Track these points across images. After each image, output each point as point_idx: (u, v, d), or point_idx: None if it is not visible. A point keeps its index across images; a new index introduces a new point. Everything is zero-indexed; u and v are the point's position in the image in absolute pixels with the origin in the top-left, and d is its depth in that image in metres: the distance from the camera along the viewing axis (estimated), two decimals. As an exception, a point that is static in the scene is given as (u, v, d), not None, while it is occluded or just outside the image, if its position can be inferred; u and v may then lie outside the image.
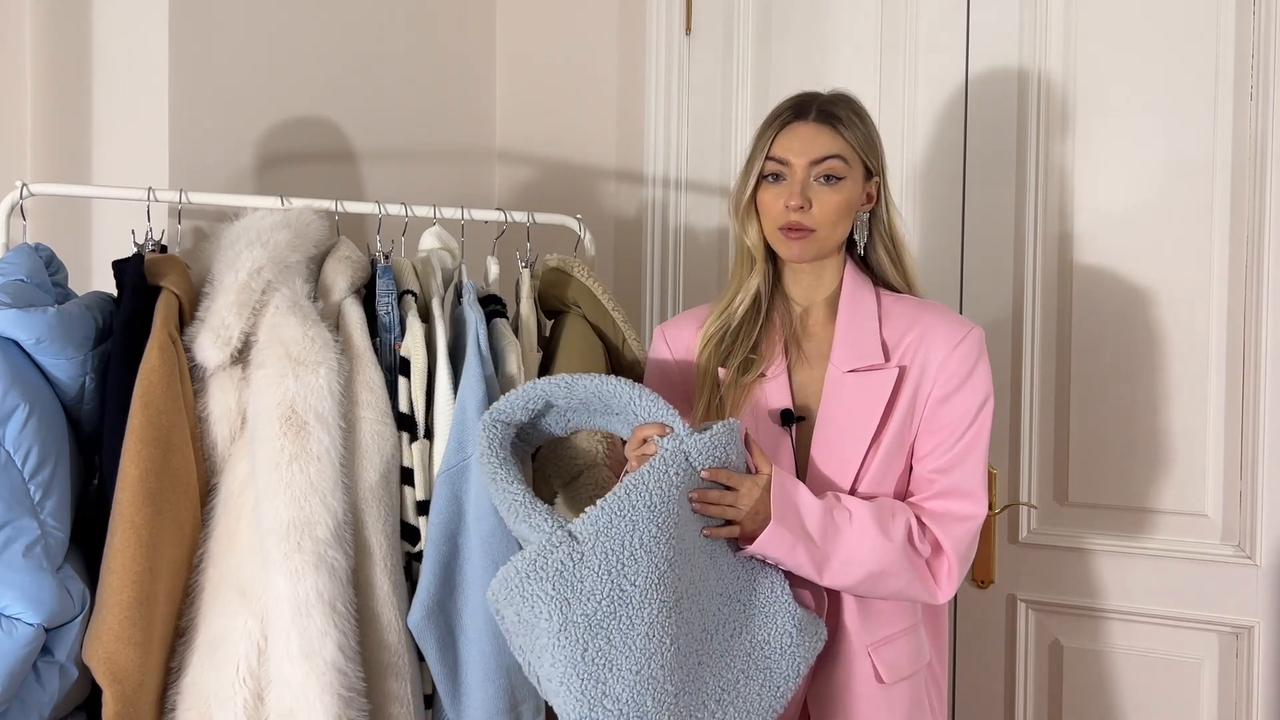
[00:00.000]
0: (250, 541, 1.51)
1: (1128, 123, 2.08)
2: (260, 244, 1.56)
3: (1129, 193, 2.09)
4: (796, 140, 1.56)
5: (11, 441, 1.40)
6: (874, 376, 1.56)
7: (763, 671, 1.48)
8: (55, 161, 2.00)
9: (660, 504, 1.41)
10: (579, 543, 1.39)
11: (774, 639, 1.48)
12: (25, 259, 1.51)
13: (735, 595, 1.49)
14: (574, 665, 1.37)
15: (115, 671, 1.42)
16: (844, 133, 1.56)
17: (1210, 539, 2.03)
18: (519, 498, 1.44)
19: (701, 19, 2.47)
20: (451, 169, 2.50)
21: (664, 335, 1.73)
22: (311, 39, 2.15)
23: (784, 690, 1.48)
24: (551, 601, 1.37)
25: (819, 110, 1.57)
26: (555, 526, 1.41)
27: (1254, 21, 1.98)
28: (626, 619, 1.38)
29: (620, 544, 1.38)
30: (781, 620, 1.49)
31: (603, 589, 1.37)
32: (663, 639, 1.38)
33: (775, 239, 1.59)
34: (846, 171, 1.56)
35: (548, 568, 1.38)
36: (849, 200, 1.57)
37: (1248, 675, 2.00)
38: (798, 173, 1.55)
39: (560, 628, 1.37)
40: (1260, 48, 1.97)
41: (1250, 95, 1.98)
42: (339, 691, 1.47)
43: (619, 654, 1.37)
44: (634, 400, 1.49)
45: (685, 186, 2.48)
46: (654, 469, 1.42)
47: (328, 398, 1.53)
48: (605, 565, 1.38)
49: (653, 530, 1.39)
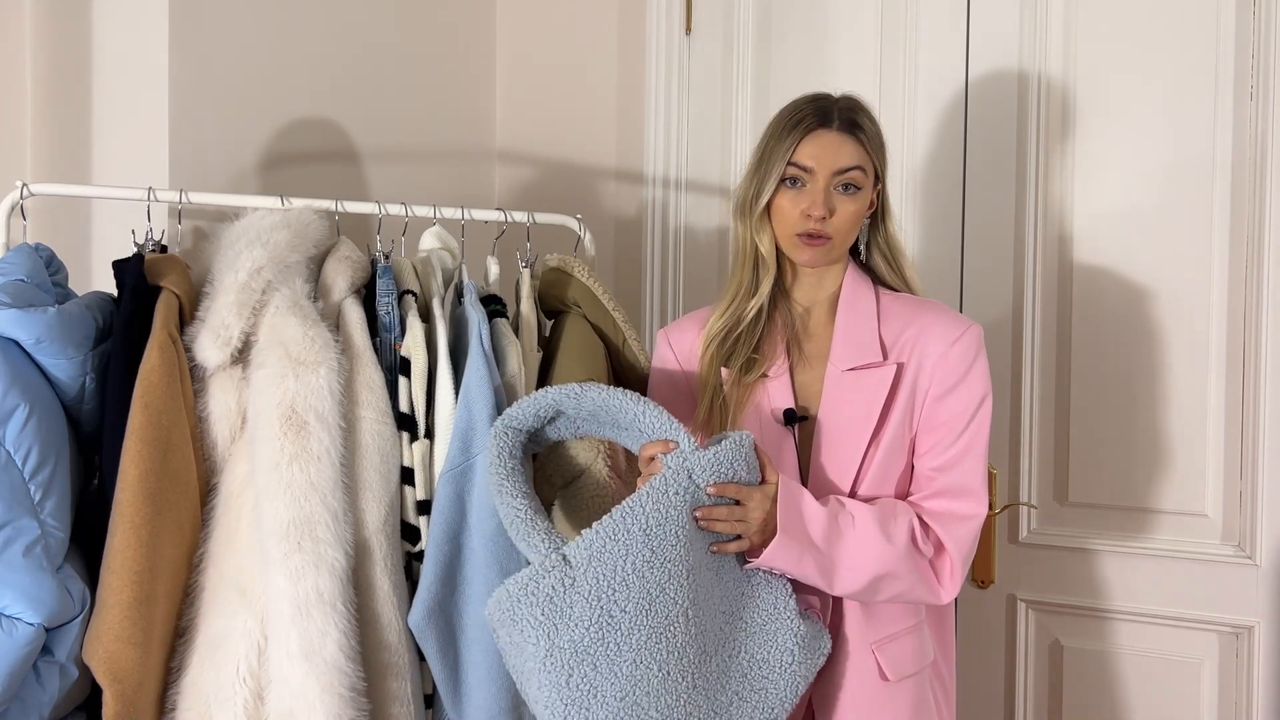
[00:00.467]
0: (250, 541, 1.51)
1: (1128, 123, 2.08)
2: (260, 244, 1.56)
3: (1129, 193, 2.09)
4: (823, 149, 1.55)
5: (11, 441, 1.40)
6: (872, 374, 1.56)
7: (757, 693, 1.47)
8: (55, 161, 2.00)
9: (656, 526, 1.40)
10: (571, 567, 1.39)
11: (773, 657, 1.48)
12: (25, 259, 1.51)
13: (738, 613, 1.48)
14: (558, 691, 1.37)
15: (115, 671, 1.42)
16: (865, 143, 1.57)
17: (1210, 539, 2.03)
18: (521, 514, 1.45)
19: (701, 19, 2.47)
20: (451, 169, 2.50)
21: (667, 339, 1.74)
22: (312, 39, 2.15)
23: (779, 711, 1.48)
24: (539, 627, 1.38)
25: (842, 118, 1.57)
26: (551, 549, 1.41)
27: (1254, 21, 1.98)
28: (614, 645, 1.38)
29: (612, 569, 1.39)
30: (783, 638, 1.48)
31: (591, 615, 1.38)
32: (650, 665, 1.39)
33: (790, 244, 1.58)
34: (864, 181, 1.57)
35: (538, 593, 1.38)
36: (861, 210, 1.59)
37: (1248, 675, 2.00)
38: (820, 181, 1.54)
39: (546, 654, 1.38)
40: (1260, 48, 1.97)
41: (1250, 95, 1.98)
42: (339, 691, 1.47)
43: (604, 680, 1.37)
44: (640, 416, 1.49)
45: (685, 186, 2.48)
46: (653, 490, 1.42)
47: (328, 397, 1.53)
48: (595, 591, 1.38)
49: (646, 555, 1.40)
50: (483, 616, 1.57)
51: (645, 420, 1.49)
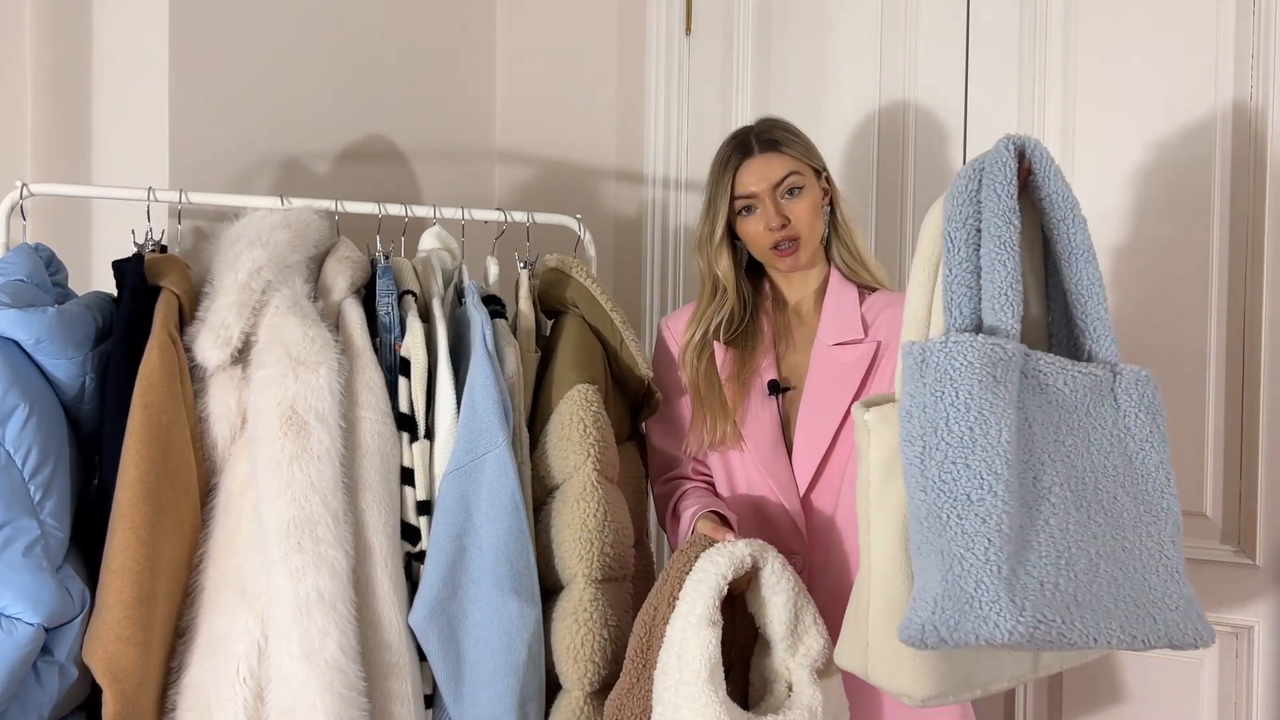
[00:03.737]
0: (250, 541, 1.51)
1: (1127, 122, 2.08)
2: (260, 244, 1.56)
3: (1129, 193, 2.09)
4: (755, 174, 1.77)
5: (11, 441, 1.40)
6: (855, 349, 1.75)
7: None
8: (55, 161, 2.00)
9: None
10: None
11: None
12: (25, 259, 1.51)
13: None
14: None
15: (115, 671, 1.42)
16: (788, 151, 1.78)
17: (1210, 539, 2.03)
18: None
19: (701, 19, 2.47)
20: (451, 169, 2.50)
21: (668, 327, 1.91)
22: (311, 39, 2.15)
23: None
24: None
25: (760, 141, 1.78)
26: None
27: (1254, 21, 1.98)
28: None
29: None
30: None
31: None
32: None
33: (768, 258, 1.80)
34: (804, 180, 1.78)
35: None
36: (815, 201, 1.78)
37: (1247, 675, 2.00)
38: (766, 199, 1.76)
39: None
40: (1260, 48, 1.97)
41: (1250, 95, 1.98)
42: (340, 691, 1.47)
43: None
44: None
45: (685, 186, 2.48)
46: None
47: (328, 398, 1.53)
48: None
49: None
50: (488, 616, 1.57)
51: None
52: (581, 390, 1.70)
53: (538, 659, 1.61)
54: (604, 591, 1.64)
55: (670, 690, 1.51)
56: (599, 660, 1.62)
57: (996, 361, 1.33)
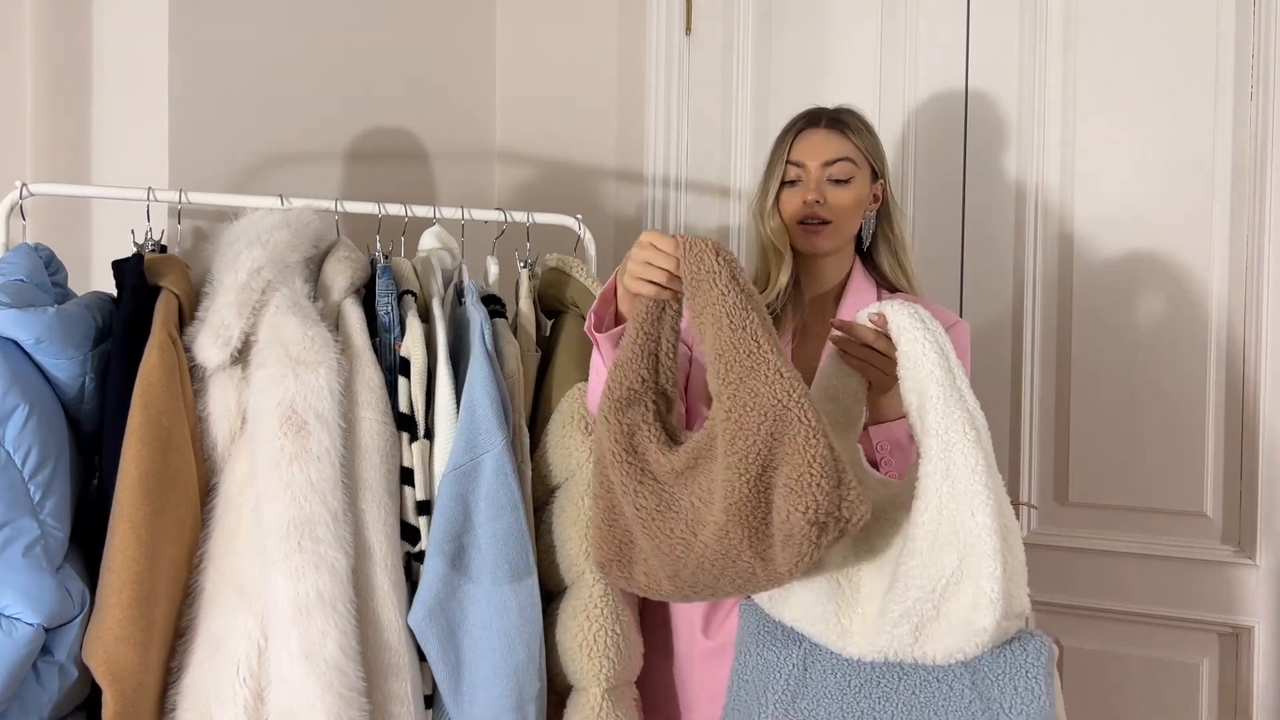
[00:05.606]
0: (250, 541, 1.51)
1: (1128, 123, 2.08)
2: (260, 244, 1.56)
3: (1129, 193, 2.09)
4: (811, 145, 1.73)
5: (11, 441, 1.40)
6: None
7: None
8: (55, 161, 2.00)
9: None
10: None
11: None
12: (25, 259, 1.51)
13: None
14: None
15: (115, 671, 1.42)
16: (852, 137, 1.74)
17: (1210, 539, 2.03)
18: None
19: (701, 19, 2.47)
20: (451, 169, 2.50)
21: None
22: (311, 39, 2.15)
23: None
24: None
25: (829, 118, 1.75)
26: None
27: (1254, 21, 1.98)
28: None
29: None
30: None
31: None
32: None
33: (795, 233, 1.74)
34: (854, 172, 1.72)
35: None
36: (859, 198, 1.73)
37: (1247, 676, 2.00)
38: (812, 173, 1.72)
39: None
40: (1260, 48, 1.97)
41: (1250, 95, 1.98)
42: (339, 691, 1.47)
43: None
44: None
45: (685, 186, 2.48)
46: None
47: (328, 397, 1.53)
48: None
49: None
50: (487, 616, 1.57)
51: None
52: (582, 389, 1.70)
53: (537, 659, 1.61)
54: (613, 587, 1.64)
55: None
56: (614, 655, 1.62)
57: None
